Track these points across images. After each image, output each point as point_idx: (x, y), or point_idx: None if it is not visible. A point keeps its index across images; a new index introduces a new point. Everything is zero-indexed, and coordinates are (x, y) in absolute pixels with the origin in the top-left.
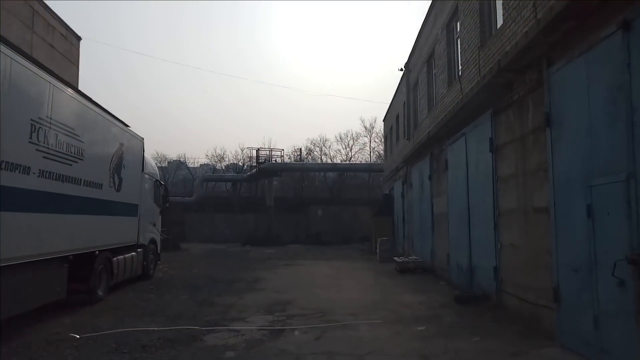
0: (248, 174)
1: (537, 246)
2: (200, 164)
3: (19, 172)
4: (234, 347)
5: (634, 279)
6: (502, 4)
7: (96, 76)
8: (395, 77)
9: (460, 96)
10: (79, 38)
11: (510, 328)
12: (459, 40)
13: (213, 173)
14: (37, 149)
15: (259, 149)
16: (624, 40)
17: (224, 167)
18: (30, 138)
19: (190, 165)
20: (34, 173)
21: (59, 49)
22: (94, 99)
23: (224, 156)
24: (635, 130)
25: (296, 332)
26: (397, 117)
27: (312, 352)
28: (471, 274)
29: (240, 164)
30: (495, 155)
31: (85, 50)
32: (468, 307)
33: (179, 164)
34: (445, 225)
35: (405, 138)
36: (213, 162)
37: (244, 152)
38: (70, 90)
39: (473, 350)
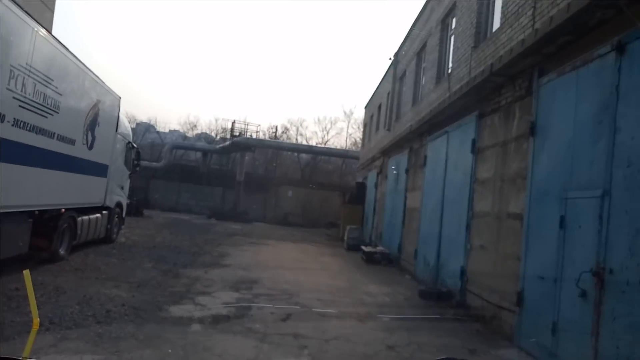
0: (220, 145)
1: (506, 251)
2: (170, 130)
3: None
4: (200, 320)
5: (596, 291)
6: (501, 8)
7: (62, 27)
8: (381, 66)
9: (448, 94)
10: None
11: (472, 327)
12: (452, 38)
13: (184, 140)
14: (13, 97)
15: (234, 122)
16: (617, 62)
17: (195, 136)
18: (8, 85)
19: (160, 129)
20: (8, 122)
21: None
22: None
23: (197, 125)
24: (616, 151)
25: (263, 312)
26: (380, 106)
27: (279, 333)
28: (437, 270)
29: (213, 134)
30: (476, 157)
31: None
32: (432, 303)
33: (148, 127)
34: (417, 221)
35: (386, 128)
36: (185, 130)
37: (218, 122)
38: (52, 39)
39: (434, 345)
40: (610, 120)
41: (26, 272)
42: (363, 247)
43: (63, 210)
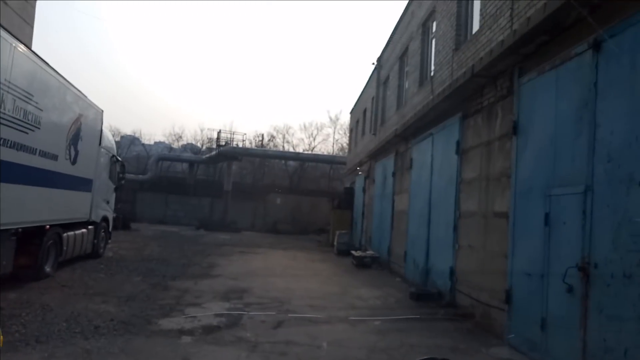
0: (206, 156)
1: (493, 249)
2: (155, 142)
3: None
4: (190, 332)
5: (582, 286)
6: (480, 10)
7: (41, 38)
8: (365, 70)
9: (431, 97)
10: None
11: (462, 326)
12: (433, 41)
13: (169, 152)
14: None
15: (219, 131)
16: (594, 60)
17: (180, 147)
18: None
19: (145, 142)
20: None
21: (13, 6)
22: None
23: (182, 136)
24: (597, 146)
25: (254, 320)
26: (365, 111)
27: (270, 341)
28: (427, 272)
29: (198, 145)
30: (461, 158)
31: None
32: (422, 304)
33: (133, 140)
34: (405, 223)
35: (372, 133)
36: (170, 141)
37: (203, 132)
38: (32, 54)
39: (426, 346)
40: (590, 116)
41: None
42: (353, 252)
43: (47, 226)
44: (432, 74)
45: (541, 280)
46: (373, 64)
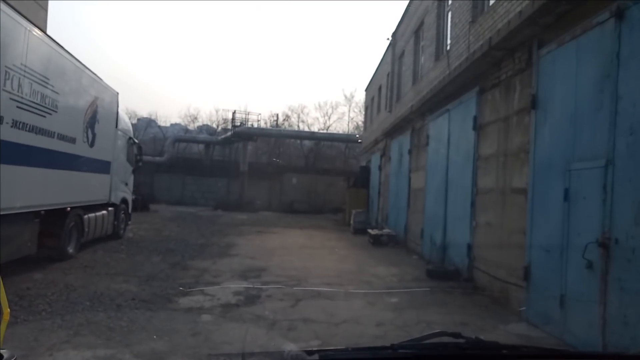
0: (222, 136)
1: (512, 226)
2: (171, 123)
3: None
4: (210, 310)
5: (602, 262)
6: None
7: (57, 25)
8: (380, 47)
9: (447, 72)
10: None
11: (480, 303)
12: (449, 14)
13: (185, 133)
14: (10, 98)
15: (234, 112)
16: (616, 29)
17: (196, 128)
18: (4, 86)
19: (161, 124)
20: (7, 123)
21: None
22: None
23: (198, 117)
24: (618, 119)
25: (272, 299)
26: (380, 88)
27: (288, 319)
28: (444, 249)
29: (214, 126)
30: (478, 133)
31: None
32: (440, 282)
33: (149, 122)
34: (422, 201)
35: (387, 110)
36: (186, 123)
37: (218, 113)
38: (47, 38)
39: (443, 323)
40: (612, 88)
41: None
42: (369, 230)
43: (69, 209)
44: (448, 48)
45: (560, 256)
46: (388, 39)
